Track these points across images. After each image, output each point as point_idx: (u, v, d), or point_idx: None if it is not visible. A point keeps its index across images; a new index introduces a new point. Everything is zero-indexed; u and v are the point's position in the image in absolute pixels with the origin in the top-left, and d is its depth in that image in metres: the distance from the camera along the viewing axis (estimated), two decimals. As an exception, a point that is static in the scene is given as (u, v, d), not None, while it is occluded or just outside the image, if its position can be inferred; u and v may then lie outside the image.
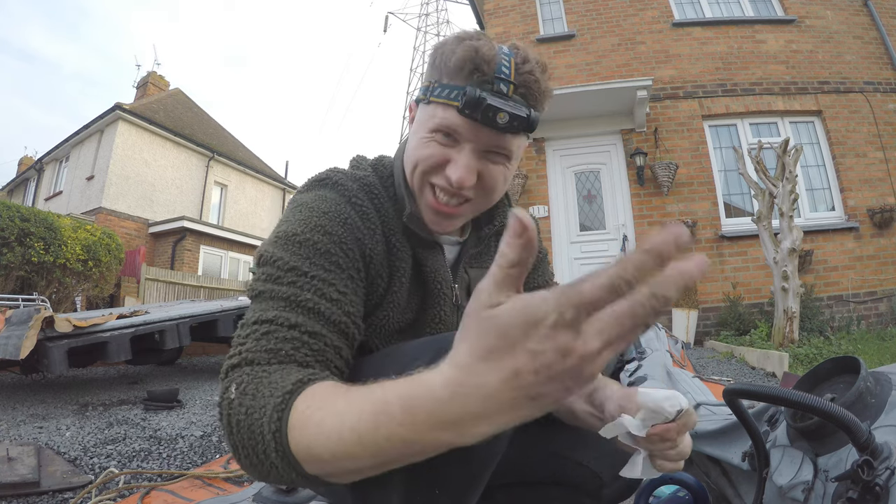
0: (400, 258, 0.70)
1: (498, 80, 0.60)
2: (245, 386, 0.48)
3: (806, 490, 0.71)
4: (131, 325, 3.18)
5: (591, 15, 6.35)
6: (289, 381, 0.46)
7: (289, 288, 0.57)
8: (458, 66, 0.61)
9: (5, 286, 5.30)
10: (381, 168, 0.75)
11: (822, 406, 0.58)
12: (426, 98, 0.66)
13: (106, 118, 11.47)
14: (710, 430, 1.11)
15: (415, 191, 0.69)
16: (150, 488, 1.44)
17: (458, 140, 0.64)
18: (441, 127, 0.63)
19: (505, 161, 0.66)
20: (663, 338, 2.64)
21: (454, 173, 0.63)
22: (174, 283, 8.70)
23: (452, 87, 0.62)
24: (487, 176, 0.65)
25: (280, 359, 0.51)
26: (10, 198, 14.77)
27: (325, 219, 0.62)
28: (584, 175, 5.96)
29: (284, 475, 0.44)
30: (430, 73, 0.67)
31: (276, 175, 16.31)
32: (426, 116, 0.66)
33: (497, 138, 0.63)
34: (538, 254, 0.83)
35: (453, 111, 0.62)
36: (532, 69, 0.62)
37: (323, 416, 0.40)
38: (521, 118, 0.61)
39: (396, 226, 0.70)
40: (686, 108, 5.84)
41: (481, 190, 0.66)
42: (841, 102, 5.76)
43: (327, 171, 0.71)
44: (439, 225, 0.69)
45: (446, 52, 0.64)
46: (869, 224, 5.37)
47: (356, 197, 0.67)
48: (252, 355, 0.51)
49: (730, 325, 4.95)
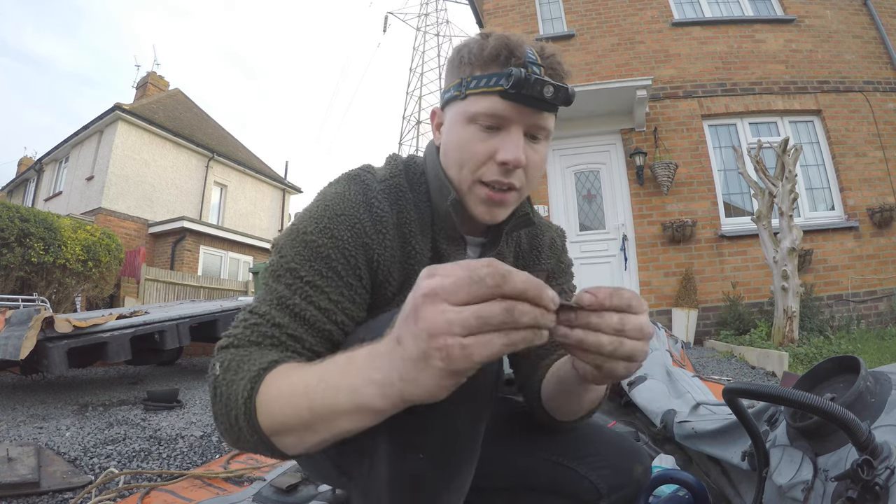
0: (419, 261, 0.71)
1: (531, 64, 0.63)
2: (229, 363, 0.55)
3: (806, 489, 0.71)
4: (131, 325, 3.18)
5: (590, 15, 6.35)
6: (266, 359, 0.53)
7: (284, 288, 0.61)
8: (493, 55, 0.65)
9: (5, 287, 5.30)
10: (412, 168, 0.76)
11: (821, 405, 0.57)
12: (462, 93, 0.67)
13: (105, 118, 11.46)
14: (710, 430, 1.12)
15: (464, 191, 0.69)
16: (150, 488, 1.43)
17: (502, 125, 0.65)
18: (484, 114, 0.65)
19: (544, 142, 0.69)
20: (663, 337, 2.64)
21: (509, 154, 0.64)
22: (174, 284, 8.70)
23: (491, 75, 0.64)
24: (531, 160, 0.67)
25: (262, 347, 0.58)
26: (9, 198, 14.77)
27: (335, 221, 0.64)
28: (583, 175, 5.96)
29: (250, 439, 0.51)
30: (457, 71, 0.69)
31: (276, 175, 16.30)
32: (462, 112, 0.67)
33: (538, 118, 0.66)
34: (559, 264, 0.88)
35: (495, 97, 0.64)
36: (554, 53, 0.67)
37: (282, 383, 0.49)
38: (563, 89, 0.63)
39: (418, 229, 0.72)
40: (685, 108, 5.84)
41: (525, 175, 0.68)
42: (840, 102, 5.76)
43: (361, 167, 0.74)
44: (491, 215, 0.69)
45: (474, 47, 0.67)
46: (868, 223, 5.37)
47: (376, 199, 0.68)
48: (238, 341, 0.58)
49: (729, 324, 4.95)
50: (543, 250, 0.86)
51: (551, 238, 0.88)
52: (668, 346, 2.51)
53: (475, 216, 0.70)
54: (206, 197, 13.32)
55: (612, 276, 5.60)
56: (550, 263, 0.86)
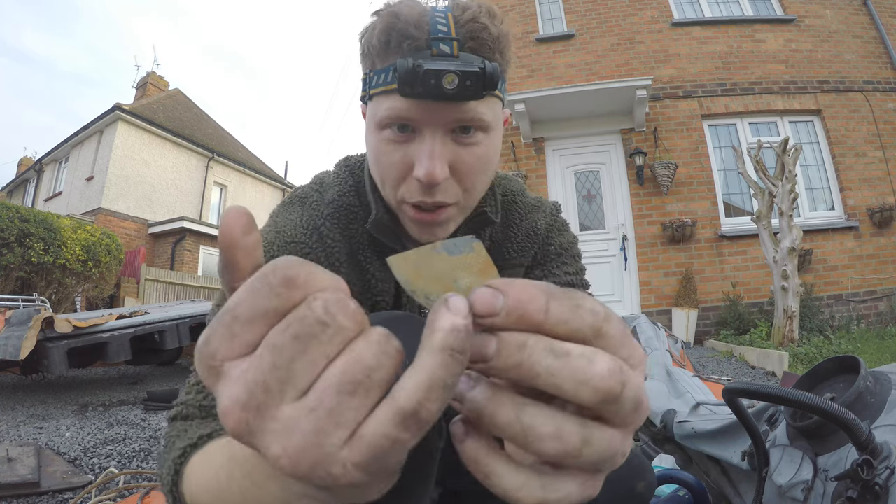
0: (383, 289, 0.63)
1: (436, 42, 0.49)
2: (168, 439, 0.48)
3: (805, 489, 0.71)
4: (131, 325, 3.17)
5: (590, 15, 6.35)
6: (195, 434, 0.44)
7: None
8: (383, 42, 0.51)
9: (5, 287, 5.30)
10: (360, 176, 0.67)
11: (821, 405, 0.57)
12: (367, 94, 0.56)
13: (105, 118, 11.47)
14: (710, 430, 1.11)
15: (395, 209, 0.60)
16: (150, 488, 1.43)
17: (415, 128, 0.53)
18: (388, 120, 0.53)
19: (479, 137, 0.54)
20: (663, 337, 2.64)
21: (420, 170, 0.52)
22: (174, 284, 8.70)
23: (388, 68, 0.51)
24: (461, 163, 0.54)
25: (207, 414, 0.49)
26: (9, 198, 14.77)
27: (285, 249, 0.58)
28: (583, 175, 5.96)
29: None
30: (364, 62, 0.57)
31: (276, 175, 16.32)
32: (371, 116, 0.56)
33: (457, 110, 0.51)
34: (546, 248, 0.72)
35: (396, 96, 0.51)
36: (475, 16, 0.51)
37: (202, 467, 0.38)
38: (474, 74, 0.48)
39: (373, 252, 0.63)
40: (685, 108, 5.84)
41: (459, 183, 0.55)
42: (840, 101, 5.76)
43: (309, 185, 0.66)
44: (430, 234, 0.59)
45: (367, 31, 0.54)
46: (868, 223, 5.37)
47: (325, 226, 0.61)
48: (186, 410, 0.50)
49: (729, 324, 4.95)
50: (517, 240, 0.71)
51: (533, 222, 0.72)
52: (668, 346, 2.51)
53: (414, 237, 0.59)
54: (205, 197, 13.32)
55: (612, 275, 5.60)
56: (526, 255, 0.71)
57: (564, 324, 0.20)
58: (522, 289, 0.20)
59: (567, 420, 0.19)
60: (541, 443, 0.19)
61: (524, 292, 0.20)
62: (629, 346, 0.21)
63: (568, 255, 0.74)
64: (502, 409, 0.19)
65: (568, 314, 0.20)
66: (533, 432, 0.19)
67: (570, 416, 0.20)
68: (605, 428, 0.20)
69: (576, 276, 0.73)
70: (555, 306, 0.20)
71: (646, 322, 2.81)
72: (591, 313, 0.20)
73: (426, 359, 0.19)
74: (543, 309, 0.20)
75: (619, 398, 0.19)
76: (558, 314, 0.20)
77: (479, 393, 0.20)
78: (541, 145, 5.91)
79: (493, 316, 0.20)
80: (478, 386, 0.20)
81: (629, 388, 0.20)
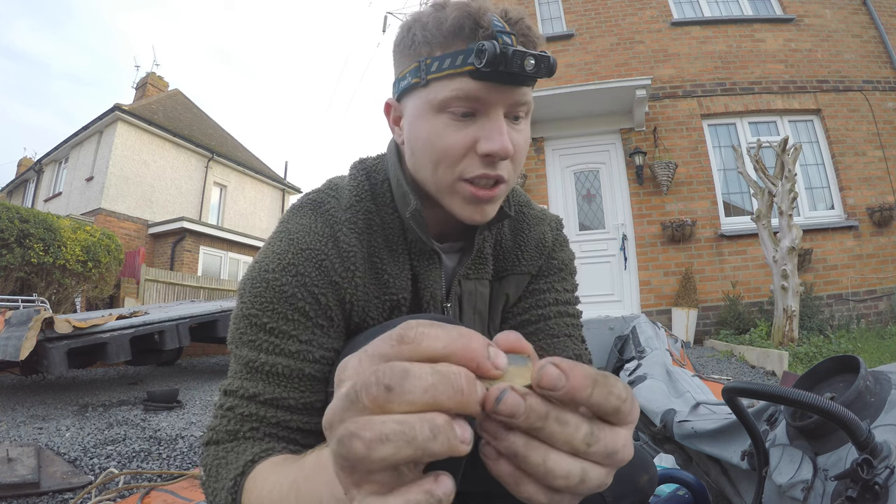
0: (399, 288, 0.64)
1: (500, 34, 0.54)
2: (209, 467, 0.53)
3: (805, 489, 0.71)
4: (131, 325, 3.18)
5: (589, 14, 6.35)
6: (241, 462, 0.50)
7: (248, 350, 0.57)
8: (455, 29, 0.55)
9: (5, 287, 5.29)
10: (376, 179, 0.68)
11: (821, 405, 0.58)
12: (422, 79, 0.57)
13: (105, 119, 11.46)
14: (710, 430, 1.12)
15: (443, 192, 0.60)
16: (150, 488, 1.43)
17: (479, 110, 0.56)
18: (454, 101, 0.56)
19: (525, 120, 0.60)
20: (663, 337, 2.64)
21: (494, 143, 0.55)
22: (174, 284, 8.69)
23: (456, 53, 0.55)
24: (517, 145, 0.58)
25: (238, 437, 0.55)
26: (9, 199, 14.77)
27: (299, 257, 0.58)
28: (583, 174, 5.96)
29: None
30: (411, 53, 0.59)
31: (276, 175, 16.30)
32: (426, 101, 0.58)
33: (519, 94, 0.57)
34: (550, 262, 0.75)
35: (465, 78, 0.54)
36: (521, 16, 0.58)
37: (261, 492, 0.43)
38: (545, 58, 0.55)
39: (389, 254, 0.65)
40: (685, 108, 5.84)
41: (511, 163, 0.59)
42: (840, 101, 5.76)
43: (324, 189, 0.67)
44: (481, 214, 0.61)
45: (430, 22, 0.57)
46: (868, 222, 5.37)
47: (342, 232, 0.62)
48: (217, 435, 0.55)
49: (729, 323, 4.95)
50: (528, 249, 0.74)
51: (541, 233, 0.76)
52: (667, 346, 2.51)
53: (461, 218, 0.61)
54: (205, 197, 13.31)
55: (612, 275, 5.60)
56: (535, 265, 0.75)
57: (597, 405, 0.25)
58: (582, 376, 0.25)
59: (573, 463, 0.25)
60: (554, 479, 0.25)
61: (582, 380, 0.25)
62: (628, 418, 0.27)
63: (567, 271, 0.78)
64: (534, 454, 0.25)
65: (601, 399, 0.25)
66: (551, 472, 0.25)
67: (574, 459, 0.25)
68: (595, 468, 0.26)
69: (572, 293, 0.78)
70: (596, 392, 0.25)
71: (646, 322, 2.81)
72: (618, 398, 0.25)
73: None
74: (588, 395, 0.25)
75: (616, 452, 0.26)
76: (595, 398, 0.25)
77: (517, 438, 0.25)
78: (540, 145, 5.91)
79: (554, 391, 0.24)
80: (513, 433, 0.25)
81: (625, 446, 0.26)
